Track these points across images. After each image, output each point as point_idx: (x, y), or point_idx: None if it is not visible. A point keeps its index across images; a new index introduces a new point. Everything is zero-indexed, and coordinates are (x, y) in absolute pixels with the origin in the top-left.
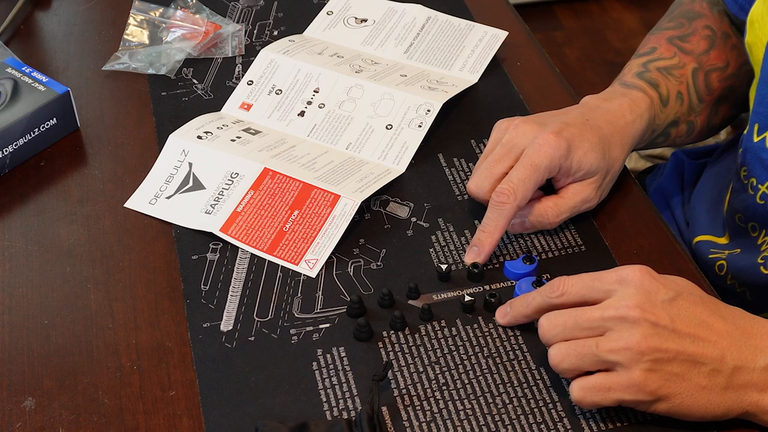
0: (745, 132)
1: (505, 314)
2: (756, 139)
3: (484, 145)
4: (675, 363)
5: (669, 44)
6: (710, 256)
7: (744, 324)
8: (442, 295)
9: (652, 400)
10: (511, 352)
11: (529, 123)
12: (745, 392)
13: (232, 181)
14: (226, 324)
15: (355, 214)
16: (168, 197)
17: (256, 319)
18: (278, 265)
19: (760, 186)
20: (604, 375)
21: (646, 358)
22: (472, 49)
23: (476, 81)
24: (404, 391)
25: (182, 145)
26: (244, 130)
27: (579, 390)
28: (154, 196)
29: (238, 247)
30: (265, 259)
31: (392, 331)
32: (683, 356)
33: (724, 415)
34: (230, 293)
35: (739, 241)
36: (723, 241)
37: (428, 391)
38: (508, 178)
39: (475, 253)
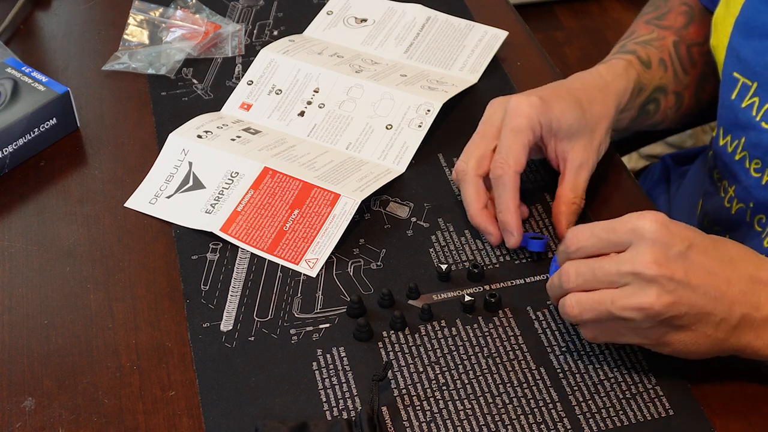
0: (714, 134)
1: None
2: (721, 143)
3: None
4: (686, 317)
5: (646, 25)
6: None
7: (754, 270)
8: (442, 295)
9: (657, 344)
10: (511, 352)
11: (502, 97)
12: (743, 335)
13: (232, 181)
14: (226, 324)
15: (355, 214)
16: (168, 197)
17: (256, 319)
18: (278, 264)
19: (729, 189)
20: (618, 322)
21: (659, 318)
22: (472, 49)
23: (476, 81)
24: (404, 391)
25: (182, 144)
26: (244, 130)
27: (592, 330)
28: (154, 196)
29: (238, 247)
30: (265, 259)
31: (392, 331)
32: (695, 309)
33: (717, 354)
34: (230, 293)
35: None
36: None
37: (428, 391)
38: (497, 150)
39: (509, 236)
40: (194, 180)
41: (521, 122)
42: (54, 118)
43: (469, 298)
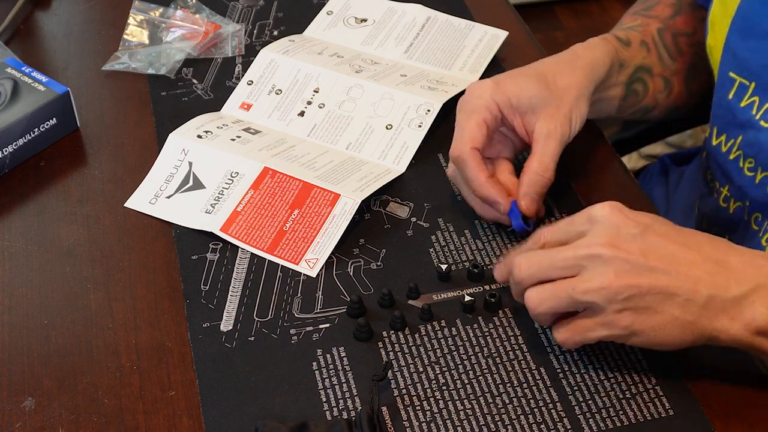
0: (706, 135)
1: (500, 273)
2: (715, 142)
3: None
4: (648, 297)
5: (632, 15)
6: None
7: (717, 253)
8: (442, 295)
9: (627, 334)
10: (511, 352)
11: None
12: (716, 319)
13: (232, 181)
14: (226, 324)
15: (355, 214)
16: (168, 197)
17: (256, 319)
18: (278, 264)
19: (722, 189)
20: (583, 316)
21: (621, 296)
22: (472, 49)
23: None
24: (404, 391)
25: (182, 144)
26: (244, 130)
27: (563, 332)
28: (154, 196)
29: (238, 247)
30: (265, 259)
31: (392, 331)
32: (656, 289)
33: (693, 342)
34: (230, 293)
35: None
36: None
37: (428, 391)
38: (455, 135)
39: (497, 206)
40: (194, 180)
41: (474, 102)
42: (54, 118)
43: (469, 298)
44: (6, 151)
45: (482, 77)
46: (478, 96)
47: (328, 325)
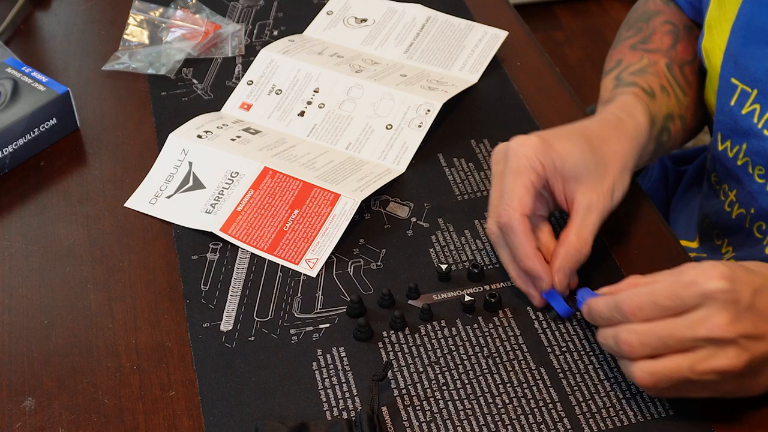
0: (711, 139)
1: (589, 319)
2: (720, 148)
3: (485, 146)
4: (759, 366)
5: (633, 51)
6: None
7: None
8: (442, 295)
9: (728, 394)
10: (511, 352)
11: (504, 143)
12: None
13: (232, 181)
14: (226, 324)
15: (355, 214)
16: (168, 197)
17: (256, 319)
18: (278, 264)
19: (729, 193)
20: (693, 383)
21: (740, 374)
22: (472, 49)
23: (476, 81)
24: (404, 391)
25: (182, 144)
26: (244, 130)
27: (661, 391)
28: (154, 196)
29: (238, 247)
30: (265, 259)
31: (392, 331)
32: (764, 356)
33: None
34: (230, 293)
35: (707, 247)
36: (694, 245)
37: (428, 391)
38: (501, 196)
39: (541, 282)
40: (194, 180)
41: (521, 162)
42: (54, 118)
43: (469, 298)
44: (6, 151)
45: (482, 77)
46: (523, 155)
47: (328, 325)
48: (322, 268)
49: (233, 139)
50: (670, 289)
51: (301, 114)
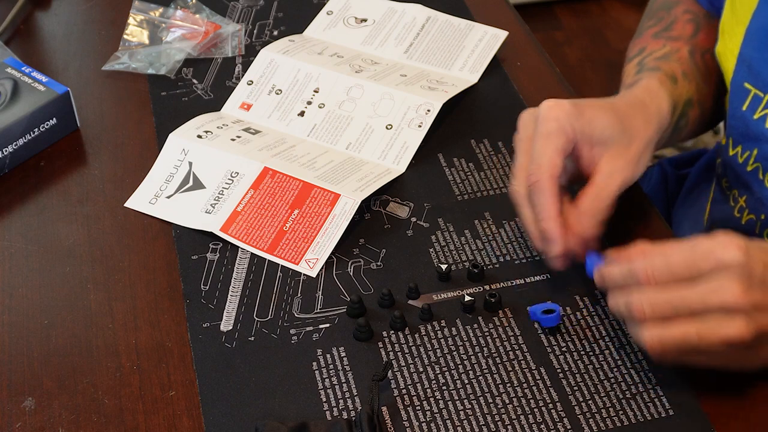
0: (723, 143)
1: (601, 284)
2: (731, 153)
3: (485, 146)
4: (764, 337)
5: (656, 39)
6: None
7: None
8: (442, 295)
9: (728, 364)
10: (511, 352)
11: (532, 108)
12: None
13: (232, 181)
14: (226, 324)
15: (355, 214)
16: (168, 197)
17: (256, 319)
18: (278, 264)
19: (739, 199)
20: (699, 353)
21: (746, 344)
22: (472, 49)
23: (476, 81)
24: (404, 391)
25: (182, 144)
26: (244, 130)
27: (665, 358)
28: (154, 196)
29: (238, 247)
30: (265, 259)
31: (392, 331)
32: None
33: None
34: (230, 293)
35: None
36: None
37: (428, 391)
38: (532, 158)
39: (552, 246)
40: (194, 180)
41: (551, 125)
42: (54, 118)
43: (469, 298)
44: (6, 151)
45: (482, 77)
46: (554, 118)
47: (328, 325)
48: (322, 268)
49: (233, 139)
50: (686, 257)
51: (301, 114)
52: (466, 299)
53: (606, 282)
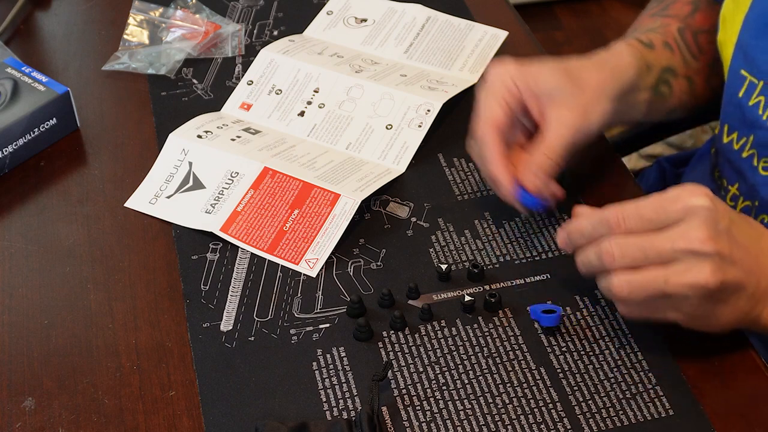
0: (716, 132)
1: (566, 244)
2: (725, 140)
3: None
4: (728, 291)
5: (651, 18)
6: None
7: None
8: (442, 295)
9: (690, 319)
10: (511, 352)
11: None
12: (764, 307)
13: (232, 181)
14: (226, 324)
15: (355, 214)
16: (168, 197)
17: (256, 319)
18: (278, 264)
19: (730, 187)
20: (664, 299)
21: (710, 292)
22: (472, 49)
23: (476, 81)
24: (404, 391)
25: (182, 144)
26: (244, 130)
27: (632, 307)
28: (154, 196)
29: (238, 247)
30: (265, 259)
31: (392, 331)
32: (735, 283)
33: (737, 326)
34: (230, 293)
35: None
36: None
37: (428, 391)
38: (476, 113)
39: (499, 187)
40: (194, 180)
41: (494, 82)
42: (54, 118)
43: (469, 298)
44: (6, 151)
45: (482, 77)
46: (497, 76)
47: (328, 325)
48: (322, 268)
49: (233, 139)
50: (655, 203)
51: (301, 114)
52: (466, 299)
53: (574, 236)
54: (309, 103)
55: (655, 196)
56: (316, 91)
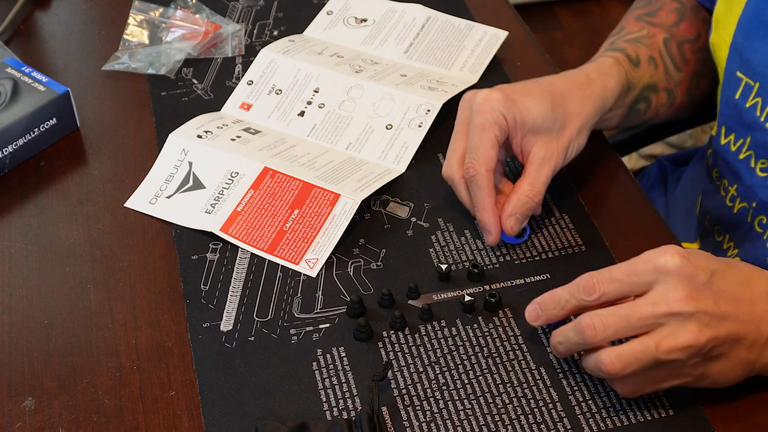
0: (713, 133)
1: (537, 317)
2: (723, 142)
3: None
4: (723, 345)
5: (637, 21)
6: None
7: (765, 286)
8: (442, 295)
9: (695, 381)
10: (511, 352)
11: (471, 92)
12: None
13: (232, 181)
14: (226, 324)
15: (355, 214)
16: (168, 197)
17: (256, 319)
18: (278, 264)
19: (730, 188)
20: (660, 368)
21: (703, 351)
22: (472, 49)
23: (476, 81)
24: (404, 391)
25: (182, 145)
26: (244, 130)
27: (630, 385)
28: (154, 196)
29: (238, 247)
30: (265, 259)
31: (392, 331)
32: (730, 336)
33: (748, 375)
34: (230, 293)
35: (708, 245)
36: (694, 246)
37: (428, 391)
38: (467, 150)
39: (487, 234)
40: (194, 180)
41: (486, 118)
42: (54, 118)
43: (469, 298)
44: (6, 151)
45: (482, 77)
46: (488, 111)
47: (328, 325)
48: (322, 268)
49: (233, 139)
50: (627, 266)
51: (301, 114)
52: (466, 299)
53: (548, 307)
54: (309, 103)
55: (627, 261)
56: (316, 91)
